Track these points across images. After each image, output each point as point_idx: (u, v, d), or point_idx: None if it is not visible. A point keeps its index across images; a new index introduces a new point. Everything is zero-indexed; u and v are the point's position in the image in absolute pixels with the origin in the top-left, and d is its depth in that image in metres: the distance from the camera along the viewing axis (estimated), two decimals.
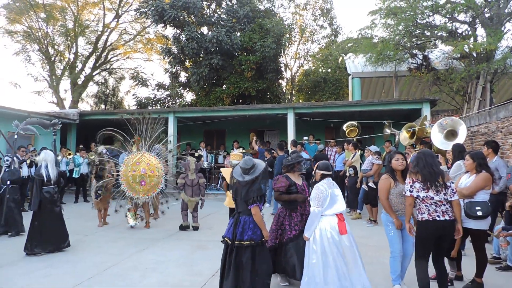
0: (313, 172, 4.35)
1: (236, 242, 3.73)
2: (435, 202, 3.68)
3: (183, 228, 7.55)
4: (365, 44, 14.00)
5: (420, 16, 12.55)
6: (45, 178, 5.98)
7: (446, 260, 4.45)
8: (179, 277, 4.83)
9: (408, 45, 13.39)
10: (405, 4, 12.52)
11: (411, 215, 3.90)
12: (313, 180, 4.29)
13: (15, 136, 8.10)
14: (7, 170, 7.39)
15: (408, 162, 4.44)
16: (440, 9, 12.12)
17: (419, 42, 13.45)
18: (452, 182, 3.80)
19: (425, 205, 3.72)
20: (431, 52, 14.02)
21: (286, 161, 4.65)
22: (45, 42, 22.38)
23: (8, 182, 7.20)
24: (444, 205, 3.68)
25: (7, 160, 7.51)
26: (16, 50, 22.62)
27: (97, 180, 7.84)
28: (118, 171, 7.55)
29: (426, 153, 3.86)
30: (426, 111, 11.30)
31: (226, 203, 6.17)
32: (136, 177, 7.35)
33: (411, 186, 3.77)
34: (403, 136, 9.86)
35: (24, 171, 9.46)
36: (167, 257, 5.66)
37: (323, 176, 4.12)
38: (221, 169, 7.76)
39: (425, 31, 12.98)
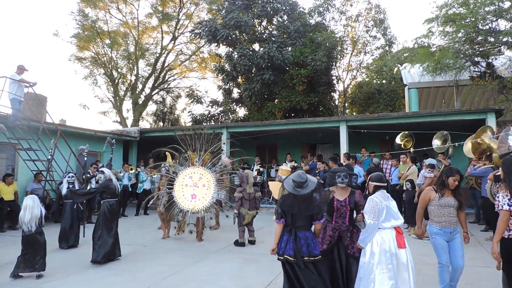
0: (366, 184, 4.27)
1: (305, 258, 3.68)
2: None
3: (239, 244, 7.36)
4: (422, 53, 13.49)
5: (482, 22, 11.87)
6: (117, 190, 6.46)
7: None
8: None
9: (470, 53, 12.68)
10: (465, 10, 11.92)
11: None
12: (367, 193, 4.24)
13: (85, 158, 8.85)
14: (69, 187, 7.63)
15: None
16: (504, 13, 11.38)
17: (481, 49, 12.69)
18: None
19: None
20: (496, 59, 13.15)
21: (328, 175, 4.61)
22: (110, 66, 24.32)
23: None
24: None
25: (72, 177, 7.94)
26: (85, 75, 24.85)
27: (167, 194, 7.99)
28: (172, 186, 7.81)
29: None
30: (490, 121, 10.52)
31: None
32: (188, 190, 7.58)
33: (509, 199, 3.38)
34: (467, 148, 9.29)
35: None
36: (220, 269, 5.77)
37: (376, 188, 4.05)
38: (269, 183, 7.76)
39: (488, 37, 12.25)
